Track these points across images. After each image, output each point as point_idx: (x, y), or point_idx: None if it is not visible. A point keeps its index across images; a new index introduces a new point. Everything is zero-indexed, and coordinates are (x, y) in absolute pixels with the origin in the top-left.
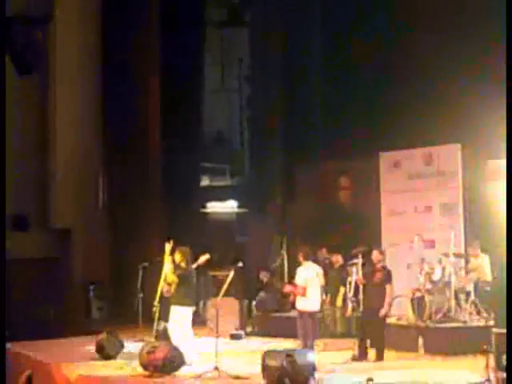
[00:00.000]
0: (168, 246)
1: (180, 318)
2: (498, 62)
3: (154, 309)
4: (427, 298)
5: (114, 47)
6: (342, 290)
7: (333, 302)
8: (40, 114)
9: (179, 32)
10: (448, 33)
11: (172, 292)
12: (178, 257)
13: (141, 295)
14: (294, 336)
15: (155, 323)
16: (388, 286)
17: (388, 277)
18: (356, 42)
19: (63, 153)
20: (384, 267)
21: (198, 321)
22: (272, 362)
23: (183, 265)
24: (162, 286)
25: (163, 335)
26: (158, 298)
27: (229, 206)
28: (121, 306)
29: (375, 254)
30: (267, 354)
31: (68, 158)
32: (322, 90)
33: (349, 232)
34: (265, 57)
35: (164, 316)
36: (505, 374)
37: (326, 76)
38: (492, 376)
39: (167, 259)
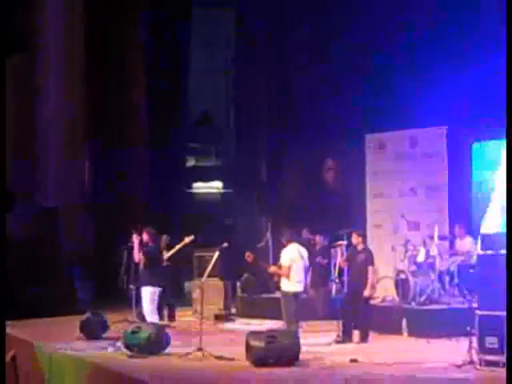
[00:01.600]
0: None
1: (146, 297)
2: (487, 44)
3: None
4: (411, 280)
5: (100, 27)
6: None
7: (315, 284)
8: (29, 93)
9: (166, 12)
10: (438, 17)
11: (140, 273)
12: (145, 237)
13: (125, 276)
14: (278, 317)
15: (133, 304)
16: (370, 268)
17: (370, 258)
18: (346, 25)
19: (49, 131)
20: (365, 249)
21: (183, 301)
22: (256, 343)
23: (151, 245)
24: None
25: (142, 316)
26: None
27: (214, 187)
28: (106, 286)
29: (354, 236)
30: (251, 335)
31: (54, 136)
32: (309, 72)
33: (334, 213)
34: (252, 37)
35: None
36: (487, 356)
37: (313, 58)
38: (475, 358)
39: (135, 240)
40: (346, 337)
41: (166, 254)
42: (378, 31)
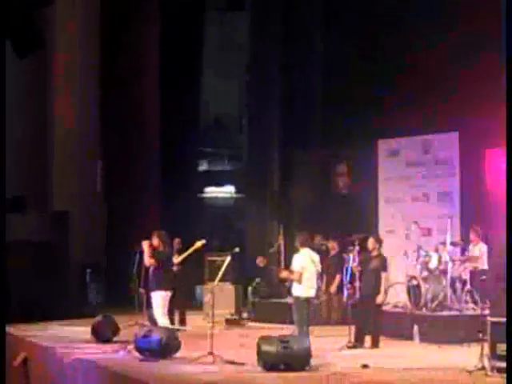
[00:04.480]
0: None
1: (157, 301)
2: (497, 50)
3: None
4: (423, 286)
5: (114, 29)
6: (337, 277)
7: (328, 289)
8: (39, 96)
9: (180, 16)
10: (447, 21)
11: (150, 277)
12: (155, 241)
13: (136, 279)
14: (289, 322)
15: (143, 307)
16: (383, 274)
17: (383, 264)
18: (356, 30)
19: (61, 135)
20: (379, 254)
21: (194, 305)
22: (267, 348)
23: (161, 249)
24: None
25: (153, 319)
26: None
27: (227, 191)
28: (117, 289)
29: (371, 241)
30: (262, 340)
31: (66, 140)
32: (321, 77)
33: (346, 219)
34: (264, 43)
35: None
36: (499, 363)
37: (324, 63)
38: (486, 364)
39: (145, 244)
40: (357, 342)
41: (178, 258)
42: (392, 35)
